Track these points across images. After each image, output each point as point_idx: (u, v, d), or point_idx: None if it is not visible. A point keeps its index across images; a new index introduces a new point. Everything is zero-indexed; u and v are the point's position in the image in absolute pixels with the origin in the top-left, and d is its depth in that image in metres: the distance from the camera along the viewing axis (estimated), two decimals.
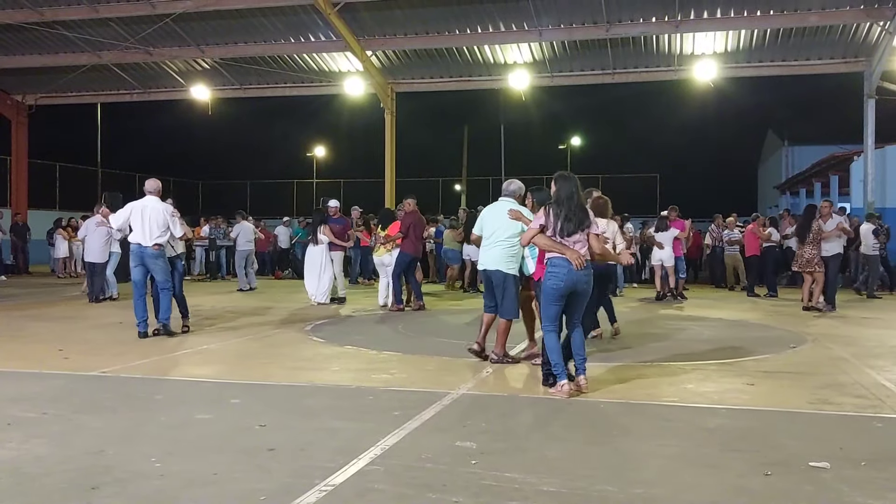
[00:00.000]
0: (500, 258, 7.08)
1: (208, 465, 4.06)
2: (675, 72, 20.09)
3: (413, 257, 12.15)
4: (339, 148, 42.84)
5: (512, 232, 7.00)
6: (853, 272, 17.29)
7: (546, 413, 5.31)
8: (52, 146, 29.72)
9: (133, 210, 8.90)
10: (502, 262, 7.07)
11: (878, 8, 16.68)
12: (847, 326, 10.28)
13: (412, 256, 12.09)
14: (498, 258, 7.08)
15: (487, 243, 7.21)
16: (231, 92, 23.23)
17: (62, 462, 4.13)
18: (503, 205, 7.18)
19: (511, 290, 7.09)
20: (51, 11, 18.92)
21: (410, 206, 12.25)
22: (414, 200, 12.32)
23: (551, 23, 18.50)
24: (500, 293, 7.12)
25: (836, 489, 3.74)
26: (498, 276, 7.09)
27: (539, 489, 3.71)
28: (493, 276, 7.12)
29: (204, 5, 18.17)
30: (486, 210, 7.46)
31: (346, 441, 4.49)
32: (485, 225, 7.30)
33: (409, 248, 11.98)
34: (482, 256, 7.31)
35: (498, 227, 7.12)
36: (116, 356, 7.55)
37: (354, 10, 18.59)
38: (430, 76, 21.75)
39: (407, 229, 11.91)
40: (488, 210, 7.42)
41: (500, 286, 7.10)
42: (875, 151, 18.88)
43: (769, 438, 4.68)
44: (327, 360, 7.53)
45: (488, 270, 7.16)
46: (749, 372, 6.85)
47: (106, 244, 13.18)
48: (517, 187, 7.34)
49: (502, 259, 7.07)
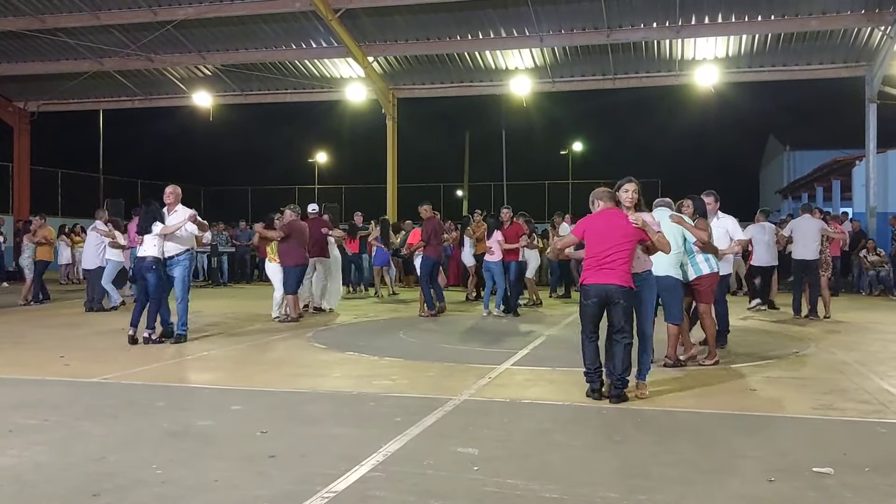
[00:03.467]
0: (669, 264, 7.00)
1: (209, 472, 4.05)
2: (676, 77, 20.12)
3: (436, 261, 12.43)
4: (340, 154, 42.90)
5: (676, 238, 6.93)
6: (855, 277, 17.29)
7: (548, 419, 5.29)
8: (54, 153, 29.75)
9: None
10: (671, 268, 7.03)
11: (879, 12, 16.70)
12: (850, 332, 10.26)
13: (435, 260, 12.37)
14: (667, 264, 6.99)
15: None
16: (232, 98, 23.28)
17: (63, 469, 4.12)
18: (661, 213, 7.10)
19: (679, 295, 7.10)
20: (52, 18, 18.98)
21: (428, 212, 12.46)
22: (430, 206, 12.51)
23: (552, 28, 18.53)
24: (669, 298, 7.06)
25: (839, 495, 3.73)
26: (668, 282, 7.01)
27: (541, 496, 3.69)
28: (662, 281, 6.97)
29: (205, 12, 18.22)
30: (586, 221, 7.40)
31: (348, 447, 4.48)
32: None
33: (432, 253, 12.29)
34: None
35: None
36: (118, 363, 7.54)
37: (355, 17, 18.64)
38: (432, 82, 21.78)
39: (429, 236, 12.17)
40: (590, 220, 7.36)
41: (668, 291, 7.02)
42: (877, 156, 18.88)
43: (773, 444, 4.66)
44: (328, 366, 7.52)
45: (659, 277, 6.88)
46: (752, 377, 6.83)
47: (97, 251, 12.89)
48: (669, 201, 7.41)
49: (671, 265, 7.01)
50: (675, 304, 7.10)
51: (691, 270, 7.28)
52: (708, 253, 7.31)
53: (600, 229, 5.80)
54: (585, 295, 5.82)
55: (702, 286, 7.34)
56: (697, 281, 7.31)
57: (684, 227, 7.05)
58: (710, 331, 7.42)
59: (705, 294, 7.39)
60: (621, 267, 5.71)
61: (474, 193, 36.92)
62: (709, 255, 7.32)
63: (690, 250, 7.22)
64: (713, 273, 7.36)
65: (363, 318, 11.96)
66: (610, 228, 5.77)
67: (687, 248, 7.17)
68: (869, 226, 18.15)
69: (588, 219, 6.02)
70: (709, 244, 7.23)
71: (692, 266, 7.28)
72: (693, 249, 7.22)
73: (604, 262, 5.71)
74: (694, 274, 7.29)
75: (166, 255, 8.86)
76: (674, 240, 6.79)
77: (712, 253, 7.35)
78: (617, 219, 5.85)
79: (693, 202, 7.59)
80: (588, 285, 5.78)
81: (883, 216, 18.31)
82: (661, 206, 7.26)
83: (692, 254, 7.25)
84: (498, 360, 7.64)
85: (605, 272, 5.70)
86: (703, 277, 7.30)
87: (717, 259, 7.43)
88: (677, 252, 6.97)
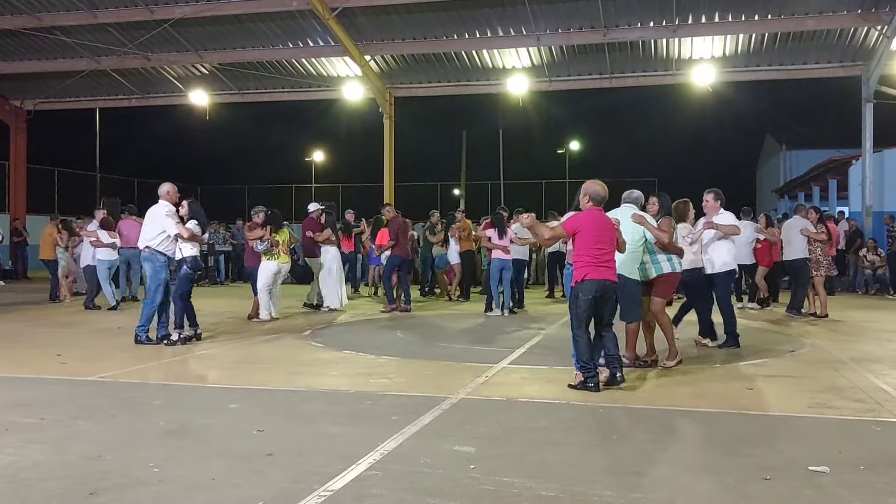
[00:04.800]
0: (622, 263, 6.91)
1: (207, 471, 4.05)
2: (673, 76, 20.13)
3: (404, 259, 12.86)
4: (337, 153, 42.89)
5: (634, 237, 6.94)
6: (851, 276, 17.33)
7: (544, 418, 5.30)
8: (50, 151, 29.70)
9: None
10: (624, 267, 6.93)
11: (876, 12, 16.73)
12: (846, 330, 10.29)
13: (403, 258, 12.79)
14: (619, 263, 6.87)
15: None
16: (229, 97, 23.24)
17: (60, 468, 4.12)
18: (626, 210, 7.12)
19: (633, 294, 7.00)
20: (49, 17, 18.94)
21: (391, 212, 13.09)
22: (392, 206, 13.14)
23: (549, 27, 18.54)
24: (623, 296, 6.91)
25: (835, 493, 3.74)
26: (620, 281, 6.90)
27: (538, 494, 3.70)
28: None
29: (202, 11, 18.19)
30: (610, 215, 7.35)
31: (345, 446, 4.48)
32: None
33: (401, 251, 12.71)
34: None
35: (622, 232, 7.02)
36: (115, 361, 7.53)
37: (352, 15, 18.62)
38: (429, 81, 21.77)
39: (396, 235, 12.61)
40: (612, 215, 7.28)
41: (622, 290, 6.86)
42: (873, 155, 18.92)
43: (768, 442, 4.68)
44: (326, 365, 7.52)
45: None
46: (748, 376, 6.85)
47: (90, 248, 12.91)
48: (638, 195, 7.34)
49: (624, 264, 6.93)
50: (630, 303, 6.99)
51: (652, 269, 7.20)
52: (670, 253, 7.22)
53: (596, 229, 6.16)
54: (585, 290, 6.06)
55: (659, 284, 7.29)
56: (657, 279, 7.26)
57: (645, 227, 6.96)
58: (667, 329, 7.32)
59: (661, 290, 7.31)
60: (614, 264, 6.24)
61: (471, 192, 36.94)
62: (671, 255, 7.23)
63: (652, 249, 7.14)
64: (674, 273, 7.30)
65: (360, 317, 11.96)
66: (604, 228, 6.20)
67: (648, 247, 7.12)
68: (865, 225, 18.18)
69: (581, 218, 6.29)
70: (670, 244, 7.14)
71: (653, 265, 7.20)
72: (654, 249, 7.15)
73: (601, 260, 6.10)
74: (654, 273, 7.21)
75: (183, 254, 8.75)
76: (631, 237, 6.83)
77: (675, 253, 7.26)
78: (606, 219, 6.32)
79: (660, 199, 7.53)
80: (589, 281, 6.05)
81: (879, 215, 18.35)
82: (627, 203, 7.23)
83: (654, 253, 7.17)
84: (495, 358, 7.65)
85: (602, 269, 6.10)
86: (663, 276, 7.24)
87: (679, 259, 7.34)
88: (633, 251, 6.93)
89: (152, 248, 8.60)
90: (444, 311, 12.83)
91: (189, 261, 8.70)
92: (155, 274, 8.59)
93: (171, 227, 8.58)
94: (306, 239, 12.87)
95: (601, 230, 6.17)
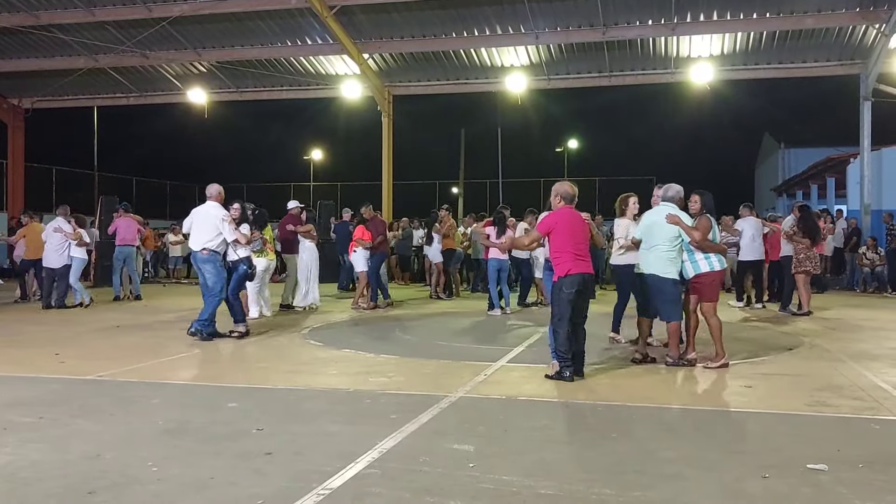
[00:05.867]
0: (657, 262, 7.04)
1: (205, 470, 4.05)
2: (672, 74, 20.15)
3: (384, 257, 13.37)
4: (336, 151, 42.88)
5: (670, 236, 6.99)
6: (849, 274, 17.34)
7: (543, 416, 5.30)
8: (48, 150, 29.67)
9: (193, 215, 9.13)
10: (658, 266, 7.04)
11: (874, 10, 16.74)
12: (844, 328, 10.29)
13: (383, 256, 13.30)
14: (654, 262, 7.04)
15: (646, 246, 7.17)
16: (227, 95, 23.24)
17: (59, 467, 4.11)
18: (663, 209, 7.16)
19: (670, 293, 7.06)
20: (47, 15, 18.92)
21: (371, 211, 13.28)
22: (371, 206, 13.41)
23: (548, 26, 18.54)
24: (659, 297, 7.06)
25: (833, 491, 3.74)
26: (653, 280, 7.05)
27: (537, 492, 3.70)
28: (648, 279, 7.08)
29: (200, 9, 18.18)
30: (647, 215, 7.38)
31: (344, 445, 4.48)
32: (645, 229, 7.25)
33: (385, 248, 13.38)
34: (641, 260, 7.24)
35: (657, 232, 7.08)
36: (113, 360, 7.53)
37: (351, 14, 18.61)
38: (427, 79, 21.77)
39: (383, 233, 13.08)
40: (649, 215, 7.35)
41: (659, 290, 7.04)
42: (871, 153, 18.93)
43: (767, 441, 4.68)
44: (324, 363, 7.52)
45: (644, 274, 7.11)
46: (746, 374, 6.86)
47: (60, 249, 12.76)
48: (676, 192, 7.33)
49: (659, 263, 7.03)
50: (668, 302, 7.05)
51: (690, 268, 7.22)
52: (707, 252, 7.22)
53: (569, 226, 6.52)
54: (569, 284, 6.36)
55: (701, 284, 7.24)
56: (696, 279, 7.24)
57: (680, 227, 7.00)
58: (716, 331, 7.24)
59: (706, 292, 7.26)
60: (590, 258, 6.63)
61: (470, 191, 36.94)
62: (709, 254, 7.22)
63: (689, 248, 7.17)
64: (713, 271, 7.24)
65: (358, 316, 11.95)
66: (576, 225, 6.57)
67: (685, 246, 7.15)
68: (863, 223, 18.20)
69: (554, 217, 6.61)
70: (705, 243, 7.15)
71: (691, 264, 7.21)
72: (691, 248, 7.19)
73: (580, 254, 6.47)
74: (692, 272, 7.23)
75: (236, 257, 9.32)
76: (666, 237, 6.92)
77: (712, 251, 7.26)
78: (578, 216, 6.68)
79: (702, 198, 7.50)
80: (574, 274, 6.36)
81: (877, 214, 18.36)
82: (665, 201, 7.26)
83: (691, 252, 7.18)
84: (493, 357, 7.65)
85: (583, 262, 6.47)
86: (701, 276, 7.20)
87: (720, 257, 7.33)
88: (669, 251, 6.99)
89: (210, 249, 8.91)
90: (443, 310, 12.82)
91: (245, 261, 9.42)
92: (218, 273, 8.96)
93: (230, 233, 8.99)
94: (286, 233, 12.79)
95: (574, 227, 6.53)
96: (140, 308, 13.04)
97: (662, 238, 7.02)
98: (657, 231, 7.06)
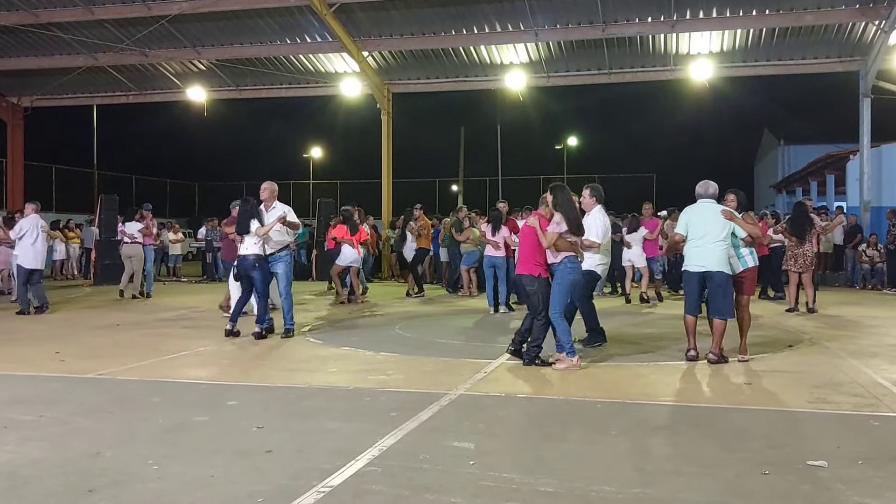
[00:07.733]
0: (722, 259, 7.06)
1: (205, 468, 4.05)
2: (671, 72, 20.10)
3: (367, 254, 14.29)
4: (335, 149, 42.89)
5: (726, 232, 7.08)
6: (849, 270, 17.33)
7: (543, 413, 5.31)
8: (48, 148, 29.69)
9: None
10: (724, 264, 7.07)
11: (874, 7, 16.70)
12: (844, 325, 10.29)
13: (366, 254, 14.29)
14: (720, 259, 7.06)
15: (700, 244, 7.16)
16: (227, 93, 23.19)
17: (59, 465, 4.12)
18: (710, 205, 7.24)
19: (730, 290, 7.16)
20: (46, 13, 18.88)
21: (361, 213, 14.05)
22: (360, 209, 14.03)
23: (547, 23, 18.49)
24: (719, 293, 7.09)
25: (833, 488, 3.75)
26: (721, 277, 7.08)
27: (537, 489, 3.70)
28: (715, 276, 7.07)
29: (199, 7, 18.14)
30: (691, 212, 7.38)
31: (344, 442, 4.48)
32: (692, 226, 7.25)
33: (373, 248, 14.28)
34: (695, 258, 7.23)
35: (711, 229, 7.10)
36: (113, 358, 7.53)
37: (350, 11, 18.57)
38: (427, 77, 21.73)
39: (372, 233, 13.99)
40: (693, 212, 7.35)
41: (721, 286, 7.08)
42: (871, 150, 18.91)
43: (767, 438, 4.69)
44: (324, 361, 7.52)
45: (711, 271, 7.09)
46: (746, 371, 6.86)
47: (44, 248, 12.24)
48: (715, 189, 7.41)
49: (724, 260, 7.07)
50: (725, 297, 7.13)
51: (738, 264, 7.34)
52: (753, 246, 7.44)
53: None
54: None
55: (746, 279, 7.43)
56: (743, 274, 7.38)
57: (735, 223, 7.12)
58: (746, 324, 7.44)
59: (747, 287, 7.49)
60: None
61: (469, 188, 36.96)
62: (752, 248, 7.44)
63: (737, 244, 7.29)
64: (756, 266, 7.49)
65: (357, 314, 11.96)
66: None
67: (734, 241, 7.25)
68: (863, 220, 18.19)
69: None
70: (757, 237, 7.36)
71: (739, 259, 7.35)
72: (738, 243, 7.29)
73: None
74: (741, 267, 7.37)
75: (267, 252, 9.02)
76: (719, 233, 7.05)
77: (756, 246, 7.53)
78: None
79: (737, 196, 7.74)
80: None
81: (877, 210, 18.36)
82: (706, 199, 7.32)
83: (738, 247, 7.33)
84: (493, 354, 7.66)
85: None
86: (748, 270, 7.40)
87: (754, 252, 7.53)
88: (728, 246, 7.13)
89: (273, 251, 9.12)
90: (442, 309, 12.82)
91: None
92: (287, 272, 9.15)
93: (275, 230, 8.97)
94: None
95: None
96: (140, 306, 13.04)
97: (719, 234, 7.08)
98: (712, 228, 7.10)
